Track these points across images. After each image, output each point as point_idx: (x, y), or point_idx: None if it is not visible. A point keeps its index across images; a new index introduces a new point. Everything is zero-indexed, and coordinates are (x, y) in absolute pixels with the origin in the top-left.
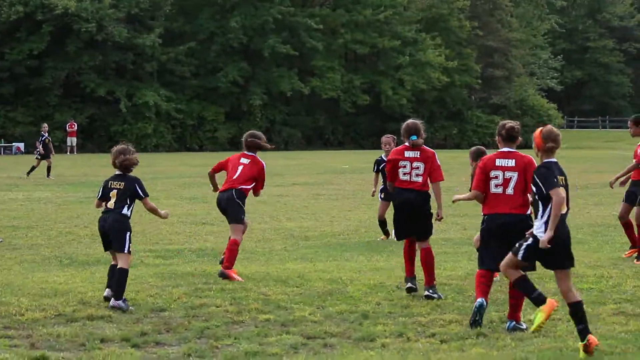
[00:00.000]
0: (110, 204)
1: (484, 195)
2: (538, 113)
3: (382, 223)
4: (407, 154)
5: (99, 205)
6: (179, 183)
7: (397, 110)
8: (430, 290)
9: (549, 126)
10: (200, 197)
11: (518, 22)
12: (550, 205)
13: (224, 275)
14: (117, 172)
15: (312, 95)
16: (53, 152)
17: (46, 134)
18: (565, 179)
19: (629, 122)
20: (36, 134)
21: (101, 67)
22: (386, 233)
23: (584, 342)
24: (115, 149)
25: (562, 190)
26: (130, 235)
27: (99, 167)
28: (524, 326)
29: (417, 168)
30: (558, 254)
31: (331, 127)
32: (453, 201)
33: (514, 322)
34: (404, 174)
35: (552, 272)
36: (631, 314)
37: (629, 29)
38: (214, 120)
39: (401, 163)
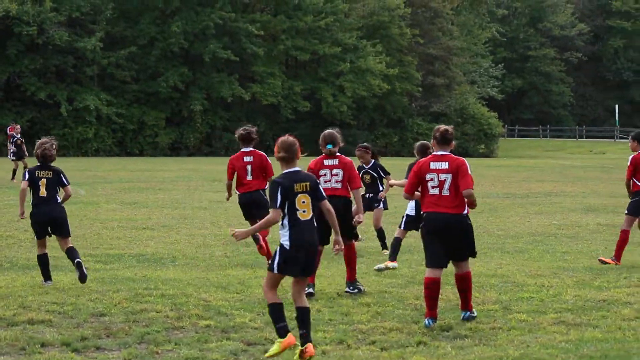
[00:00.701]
0: (42, 192)
1: (422, 197)
2: (479, 121)
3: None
4: (326, 162)
5: (25, 189)
6: (119, 187)
7: (338, 117)
8: (351, 287)
9: (285, 136)
10: (141, 202)
11: (459, 30)
12: (287, 216)
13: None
14: (40, 163)
15: (252, 101)
16: (27, 154)
17: (17, 135)
18: (310, 184)
19: (630, 138)
20: None
21: (42, 71)
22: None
23: (302, 348)
24: (38, 141)
25: (277, 213)
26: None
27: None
28: (475, 313)
29: (337, 175)
30: (302, 262)
31: (271, 133)
32: (390, 185)
33: (468, 312)
34: (325, 181)
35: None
36: (572, 323)
37: (570, 38)
38: (154, 125)
39: (321, 172)
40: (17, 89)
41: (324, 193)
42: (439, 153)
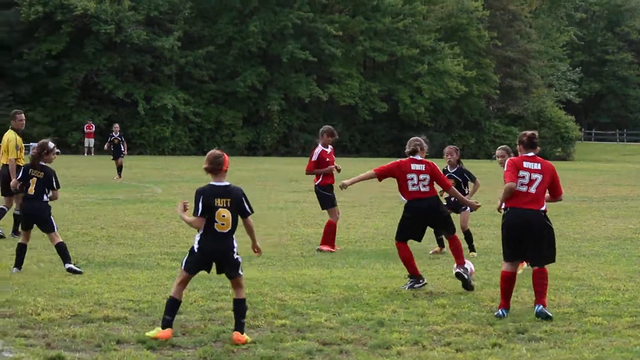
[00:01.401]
0: (31, 190)
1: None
2: (556, 125)
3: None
4: (414, 166)
5: (15, 185)
6: (195, 186)
7: (415, 118)
8: (461, 269)
9: (213, 149)
10: None
11: (537, 33)
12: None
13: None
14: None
15: (330, 101)
16: (124, 152)
17: (115, 134)
18: (231, 201)
19: None
20: (54, 134)
21: (119, 69)
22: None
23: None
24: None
25: (200, 221)
26: (52, 216)
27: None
28: (550, 314)
29: (424, 180)
30: (228, 264)
31: (348, 134)
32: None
33: (541, 306)
34: (413, 185)
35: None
36: None
37: None
38: (231, 124)
39: (409, 176)
40: (94, 87)
41: (248, 208)
42: (530, 154)
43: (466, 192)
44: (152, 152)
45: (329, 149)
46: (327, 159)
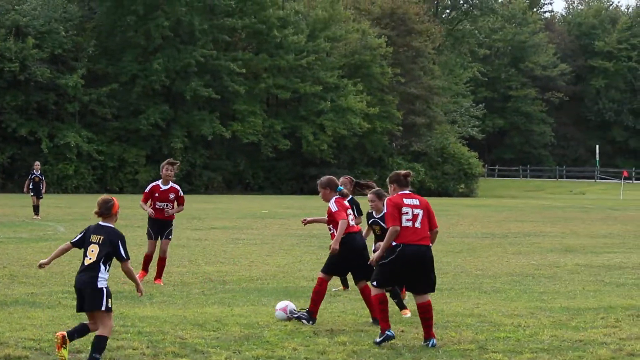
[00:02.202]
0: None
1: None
2: (459, 161)
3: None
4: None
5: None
6: None
7: (318, 155)
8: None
9: (103, 195)
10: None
11: (440, 69)
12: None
13: None
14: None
15: (233, 139)
16: (43, 191)
17: (36, 172)
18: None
19: None
20: None
21: (23, 107)
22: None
23: None
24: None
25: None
26: None
27: (19, 207)
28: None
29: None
30: (88, 297)
31: (252, 171)
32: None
33: (434, 339)
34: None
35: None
36: None
37: (552, 78)
38: (135, 162)
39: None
40: None
41: (123, 254)
42: (406, 192)
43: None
44: (56, 190)
45: (167, 186)
46: (157, 194)
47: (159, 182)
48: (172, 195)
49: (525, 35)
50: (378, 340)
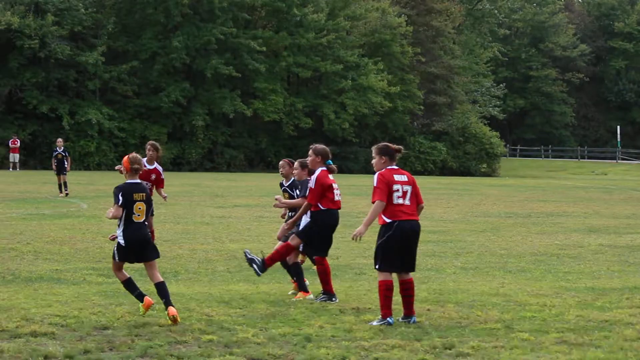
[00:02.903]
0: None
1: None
2: (480, 141)
3: None
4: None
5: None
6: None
7: (339, 134)
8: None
9: (134, 154)
10: None
11: (461, 49)
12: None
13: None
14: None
15: (254, 117)
16: (68, 168)
17: (59, 149)
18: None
19: None
20: None
21: (44, 84)
22: None
23: (167, 312)
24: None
25: (115, 210)
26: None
27: (41, 183)
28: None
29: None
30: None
31: (273, 149)
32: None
33: (414, 317)
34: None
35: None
36: (574, 343)
37: (572, 59)
38: (156, 139)
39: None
40: (18, 102)
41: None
42: (395, 167)
43: None
44: (77, 167)
45: (152, 166)
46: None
47: (144, 160)
48: (153, 176)
49: (544, 15)
50: (376, 323)
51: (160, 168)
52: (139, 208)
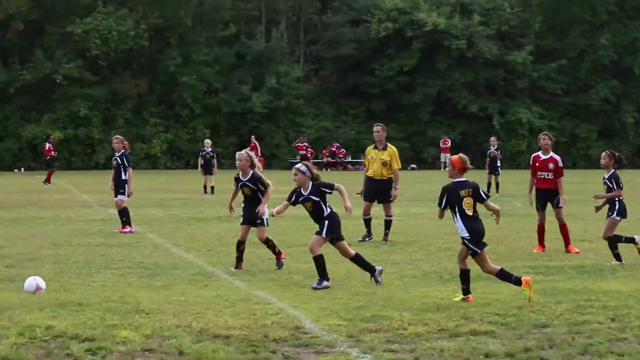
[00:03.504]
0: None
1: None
2: None
3: None
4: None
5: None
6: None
7: None
8: None
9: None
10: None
11: None
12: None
13: None
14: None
15: None
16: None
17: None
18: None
19: None
20: (409, 150)
21: (472, 84)
22: None
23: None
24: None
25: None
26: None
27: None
28: None
29: None
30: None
31: None
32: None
33: None
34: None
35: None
36: None
37: None
38: (586, 137)
39: None
40: (447, 102)
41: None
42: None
43: None
44: (508, 166)
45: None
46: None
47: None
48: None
49: None
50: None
51: (557, 157)
52: (467, 203)
